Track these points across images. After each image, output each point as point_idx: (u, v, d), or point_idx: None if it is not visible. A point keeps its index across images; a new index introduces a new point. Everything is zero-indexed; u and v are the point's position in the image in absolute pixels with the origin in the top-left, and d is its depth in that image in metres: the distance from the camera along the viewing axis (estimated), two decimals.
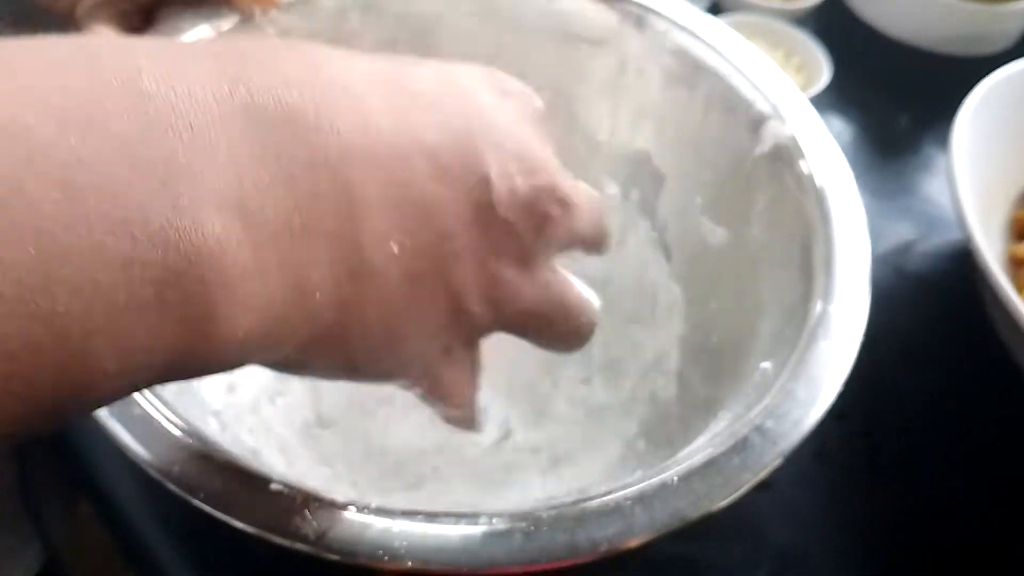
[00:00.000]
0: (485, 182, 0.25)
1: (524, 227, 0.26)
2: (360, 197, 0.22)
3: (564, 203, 0.27)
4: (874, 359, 0.35)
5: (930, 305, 0.52)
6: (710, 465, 0.31)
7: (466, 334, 0.27)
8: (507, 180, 0.25)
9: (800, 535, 0.43)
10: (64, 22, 0.40)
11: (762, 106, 0.43)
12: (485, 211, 0.25)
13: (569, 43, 0.48)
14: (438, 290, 0.25)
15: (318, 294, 0.22)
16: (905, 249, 0.56)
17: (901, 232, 0.57)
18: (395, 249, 0.23)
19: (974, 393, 0.49)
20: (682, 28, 0.45)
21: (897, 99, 0.67)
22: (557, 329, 0.29)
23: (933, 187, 0.60)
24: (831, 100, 0.42)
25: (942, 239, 0.57)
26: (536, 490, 0.43)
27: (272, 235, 0.20)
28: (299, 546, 0.28)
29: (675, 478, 0.31)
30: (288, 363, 0.25)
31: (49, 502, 0.56)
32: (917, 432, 0.47)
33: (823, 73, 0.61)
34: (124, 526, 0.42)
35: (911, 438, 0.47)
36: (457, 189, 0.24)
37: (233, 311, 0.20)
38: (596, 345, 0.46)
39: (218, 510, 0.28)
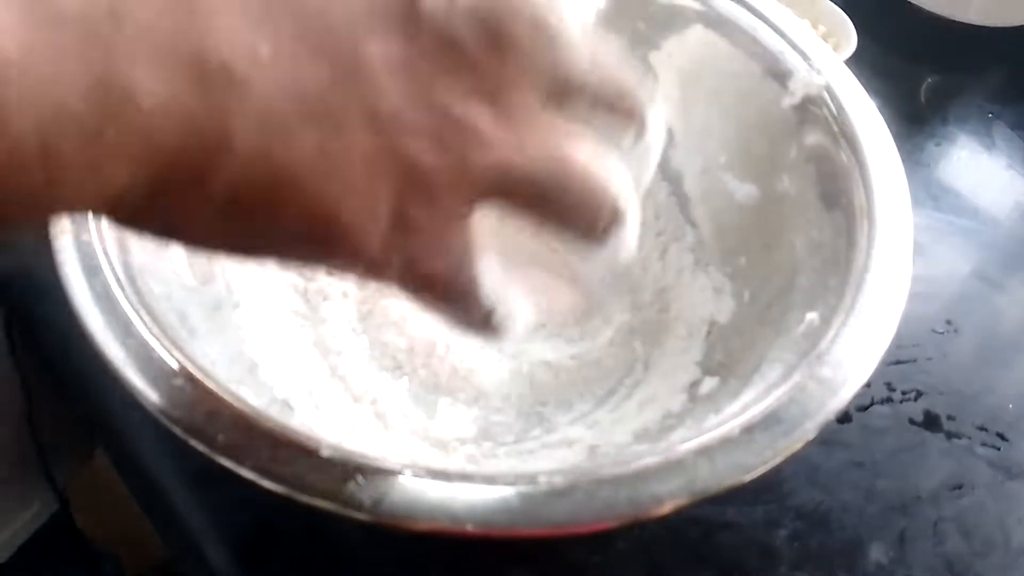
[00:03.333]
0: None
1: (475, 46, 0.21)
2: None
3: (537, 24, 0.21)
4: (898, 324, 0.34)
5: (946, 283, 0.52)
6: (771, 416, 0.30)
7: (424, 194, 0.21)
8: None
9: (822, 496, 0.42)
10: None
11: (790, 57, 0.42)
12: (405, 15, 0.20)
13: None
14: (354, 120, 0.20)
15: (147, 99, 0.18)
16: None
17: (919, 203, 0.56)
18: (264, 52, 0.19)
19: (1002, 354, 0.49)
20: None
21: (923, 69, 0.66)
22: (556, 203, 0.23)
23: (957, 159, 0.60)
24: (857, 69, 0.41)
25: (959, 211, 0.56)
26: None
27: (57, 17, 0.17)
28: (356, 514, 0.27)
29: (737, 430, 0.30)
30: (145, 212, 0.20)
31: (58, 447, 0.54)
32: (941, 396, 0.47)
33: (849, 43, 0.60)
34: (140, 473, 0.40)
35: (935, 402, 0.46)
36: None
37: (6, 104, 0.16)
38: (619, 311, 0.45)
39: (268, 480, 0.27)
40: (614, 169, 0.23)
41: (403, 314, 0.43)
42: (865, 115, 0.40)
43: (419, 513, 0.27)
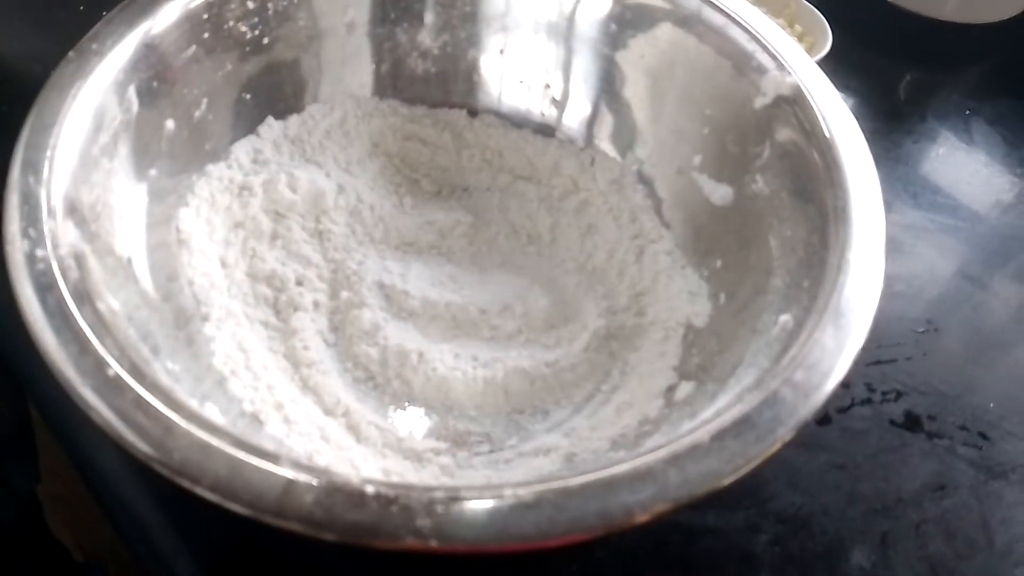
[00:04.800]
0: None
1: None
2: None
3: None
4: (875, 327, 0.33)
5: (927, 281, 0.52)
6: (742, 422, 0.30)
7: None
8: None
9: (803, 500, 0.42)
10: None
11: (762, 57, 0.41)
12: None
13: None
14: None
15: None
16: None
17: (898, 200, 0.56)
18: None
19: (983, 353, 0.48)
20: None
21: (901, 66, 0.66)
22: None
23: (936, 156, 0.60)
24: (835, 67, 0.41)
25: (939, 208, 0.56)
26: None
27: None
28: (318, 534, 0.26)
29: (707, 437, 0.29)
30: None
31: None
32: (922, 396, 0.46)
33: (825, 42, 0.60)
34: (108, 491, 0.40)
35: (916, 402, 0.46)
36: None
37: None
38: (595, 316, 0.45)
39: (228, 500, 0.26)
40: None
41: (375, 324, 0.42)
42: (837, 114, 0.39)
43: (382, 530, 0.26)
